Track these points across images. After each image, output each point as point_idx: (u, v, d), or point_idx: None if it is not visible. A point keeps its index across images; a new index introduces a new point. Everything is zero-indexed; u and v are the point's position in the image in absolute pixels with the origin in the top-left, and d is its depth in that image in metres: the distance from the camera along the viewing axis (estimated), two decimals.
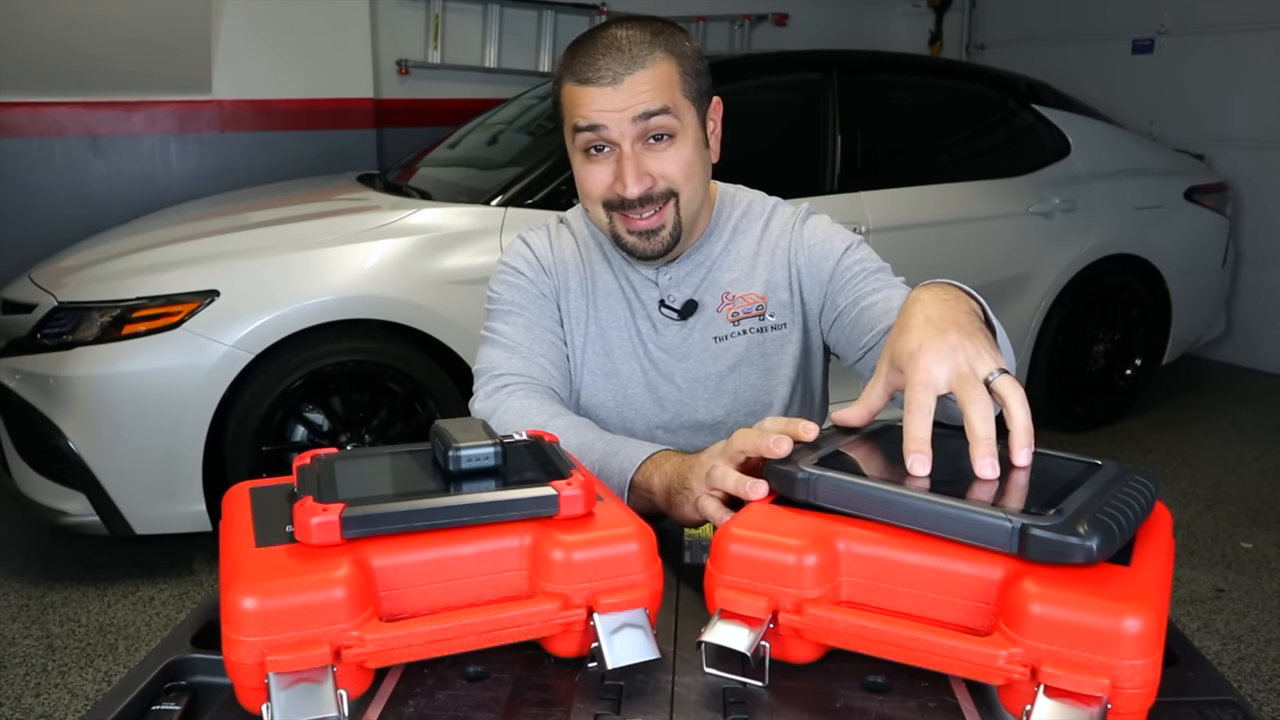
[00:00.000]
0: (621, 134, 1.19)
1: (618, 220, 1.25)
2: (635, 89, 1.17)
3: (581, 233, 1.40)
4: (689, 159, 1.23)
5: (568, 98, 1.22)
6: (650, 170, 1.21)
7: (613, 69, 1.17)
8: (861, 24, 6.04)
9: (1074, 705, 0.66)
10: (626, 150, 1.20)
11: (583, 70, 1.19)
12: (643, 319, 1.35)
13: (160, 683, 0.78)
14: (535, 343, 1.32)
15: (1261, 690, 2.34)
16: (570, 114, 1.22)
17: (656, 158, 1.21)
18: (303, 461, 0.86)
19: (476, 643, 0.75)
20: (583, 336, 1.36)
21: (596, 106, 1.18)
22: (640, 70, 1.18)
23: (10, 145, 4.10)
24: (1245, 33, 4.67)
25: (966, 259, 3.48)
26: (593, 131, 1.20)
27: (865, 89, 3.47)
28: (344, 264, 2.70)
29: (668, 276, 1.34)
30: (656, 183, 1.22)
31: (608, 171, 1.22)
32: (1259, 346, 4.84)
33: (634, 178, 1.20)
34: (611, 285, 1.36)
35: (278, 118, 4.49)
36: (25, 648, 2.47)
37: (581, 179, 1.25)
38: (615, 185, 1.21)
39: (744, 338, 1.33)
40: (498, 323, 1.35)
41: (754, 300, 1.33)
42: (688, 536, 1.03)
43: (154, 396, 2.53)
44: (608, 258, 1.37)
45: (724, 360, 1.33)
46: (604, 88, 1.18)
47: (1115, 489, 0.78)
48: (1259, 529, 3.16)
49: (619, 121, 1.18)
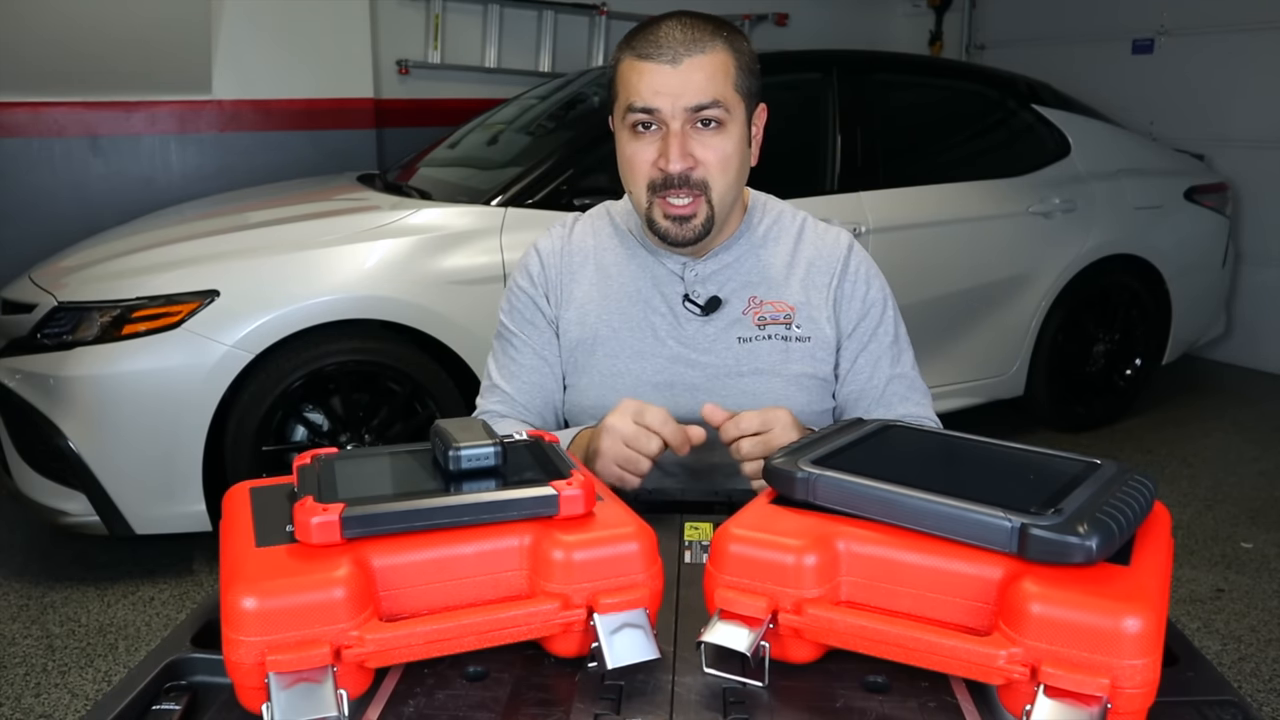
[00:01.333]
0: (673, 114, 1.23)
1: (656, 204, 1.28)
2: (692, 72, 1.21)
3: (603, 231, 1.42)
4: (730, 151, 1.26)
5: (626, 72, 1.26)
6: (694, 152, 1.24)
7: (673, 48, 1.22)
8: (861, 24, 6.04)
9: (1074, 705, 0.66)
10: (675, 129, 1.23)
11: (644, 46, 1.23)
12: (661, 315, 1.36)
13: (160, 683, 0.78)
14: (517, 375, 1.40)
15: (1261, 690, 2.34)
16: (625, 91, 1.25)
17: (702, 142, 1.24)
18: (303, 461, 0.86)
19: (476, 643, 0.75)
20: (595, 340, 1.37)
21: (653, 87, 1.22)
22: (699, 55, 1.22)
23: (10, 145, 4.10)
24: (1245, 33, 4.67)
25: (966, 259, 3.48)
26: (647, 113, 1.24)
27: (865, 89, 3.47)
28: (344, 264, 2.70)
29: (694, 272, 1.35)
30: (697, 165, 1.25)
31: (653, 148, 1.25)
32: (1259, 346, 4.84)
33: (678, 154, 1.23)
34: (628, 286, 1.37)
35: (278, 118, 4.49)
36: (25, 648, 2.47)
37: (628, 156, 1.28)
38: (659, 161, 1.25)
39: (768, 343, 1.34)
40: (497, 349, 1.44)
41: (783, 309, 1.35)
42: (688, 537, 1.03)
43: (154, 396, 2.53)
44: (629, 256, 1.38)
45: (746, 362, 1.34)
46: (662, 64, 1.22)
47: (1114, 489, 0.78)
48: (1259, 529, 3.16)
49: (672, 105, 1.22)
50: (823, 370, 1.37)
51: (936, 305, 3.39)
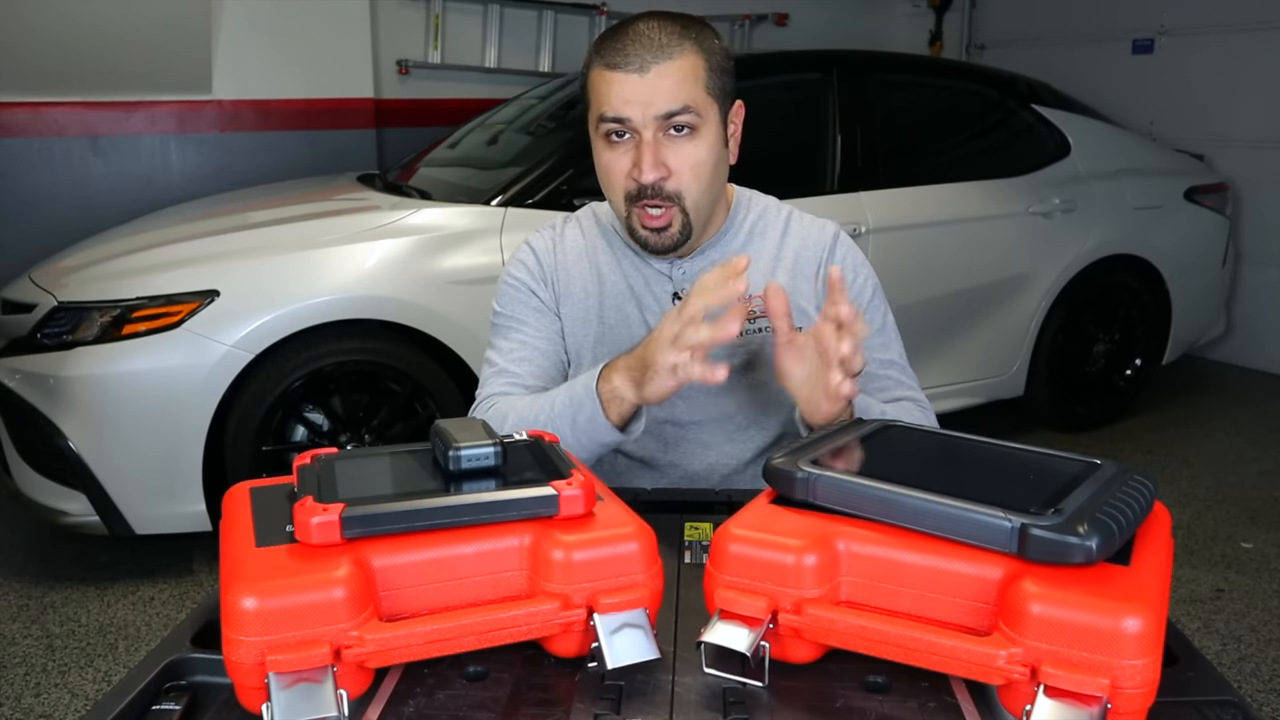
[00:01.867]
0: (644, 123, 1.22)
1: (635, 213, 1.28)
2: (661, 80, 1.21)
3: (591, 232, 1.42)
4: (704, 157, 1.25)
5: (595, 82, 1.26)
6: (667, 161, 1.24)
7: (641, 57, 1.21)
8: (861, 24, 6.04)
9: (1074, 705, 0.66)
10: (647, 138, 1.23)
11: (611, 55, 1.22)
12: (653, 313, 1.36)
13: (160, 683, 0.78)
14: (527, 359, 1.36)
15: (1261, 690, 2.34)
16: (597, 100, 1.26)
17: (675, 150, 1.24)
18: (303, 461, 0.86)
19: (476, 643, 0.75)
20: (591, 338, 1.38)
21: (623, 96, 1.22)
22: (667, 61, 1.21)
23: (10, 145, 4.10)
24: (1245, 33, 4.67)
25: (966, 259, 3.48)
26: (617, 123, 1.23)
27: (865, 89, 3.47)
28: (344, 264, 2.70)
29: (681, 270, 1.36)
30: (670, 175, 1.24)
31: (627, 159, 1.25)
32: (1259, 346, 4.83)
33: (650, 164, 1.22)
34: (620, 285, 1.38)
35: (278, 118, 4.49)
36: (25, 648, 2.47)
37: (604, 165, 1.28)
38: (633, 171, 1.24)
39: (759, 335, 1.34)
40: (496, 338, 1.40)
41: None
42: (688, 537, 1.03)
43: (154, 396, 2.53)
44: (617, 256, 1.39)
45: (738, 356, 1.35)
46: (630, 74, 1.21)
47: (1115, 489, 0.78)
48: (1259, 529, 3.16)
49: (642, 114, 1.22)
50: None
51: (936, 305, 3.39)
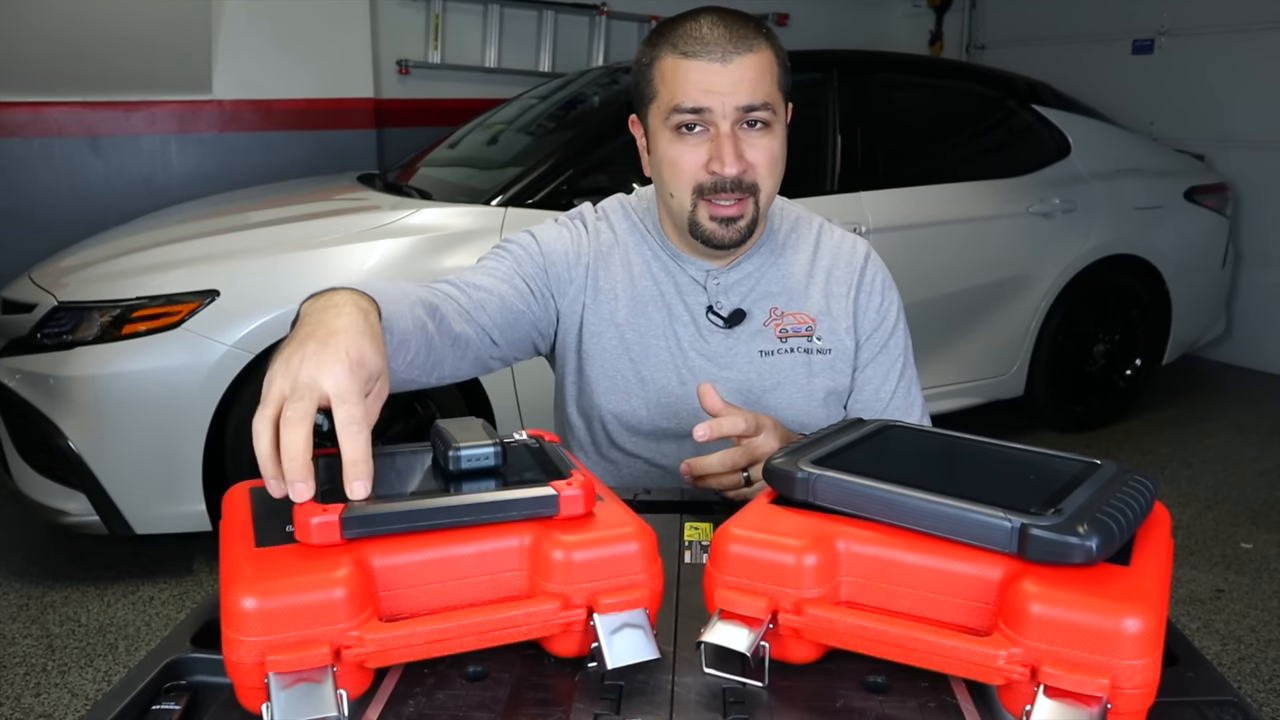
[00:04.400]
0: (723, 114, 1.19)
1: (702, 206, 1.23)
2: (742, 71, 1.17)
3: (621, 227, 1.37)
4: (777, 152, 1.23)
5: (667, 71, 1.20)
6: (744, 154, 1.20)
7: (722, 46, 1.17)
8: (861, 24, 6.04)
9: (1074, 705, 0.66)
10: (725, 130, 1.19)
11: (688, 44, 1.18)
12: (684, 325, 1.32)
13: (160, 682, 0.78)
14: (491, 289, 1.25)
15: (1261, 690, 2.34)
16: (669, 90, 1.20)
17: (752, 144, 1.21)
18: None
19: (476, 643, 0.75)
20: (616, 329, 1.33)
21: (704, 85, 1.17)
22: (748, 53, 1.18)
23: (10, 145, 4.10)
24: (1245, 33, 4.67)
25: (966, 259, 3.48)
26: (695, 114, 1.19)
27: (865, 89, 3.48)
28: (344, 264, 2.70)
29: (716, 282, 1.32)
30: (749, 168, 1.21)
31: (701, 150, 1.21)
32: (1259, 346, 4.84)
33: (732, 157, 1.19)
34: (653, 290, 1.33)
35: (278, 118, 4.49)
36: (25, 648, 2.47)
37: (672, 158, 1.23)
38: (711, 164, 1.20)
39: (790, 356, 1.32)
40: (484, 259, 1.32)
41: (804, 320, 1.33)
42: (688, 537, 1.03)
43: (154, 396, 2.53)
44: (649, 258, 1.34)
45: (769, 376, 1.32)
46: (712, 63, 1.17)
47: (1115, 489, 0.78)
48: (1259, 529, 3.16)
49: (722, 105, 1.18)
50: (842, 383, 1.34)
51: (936, 305, 3.39)
